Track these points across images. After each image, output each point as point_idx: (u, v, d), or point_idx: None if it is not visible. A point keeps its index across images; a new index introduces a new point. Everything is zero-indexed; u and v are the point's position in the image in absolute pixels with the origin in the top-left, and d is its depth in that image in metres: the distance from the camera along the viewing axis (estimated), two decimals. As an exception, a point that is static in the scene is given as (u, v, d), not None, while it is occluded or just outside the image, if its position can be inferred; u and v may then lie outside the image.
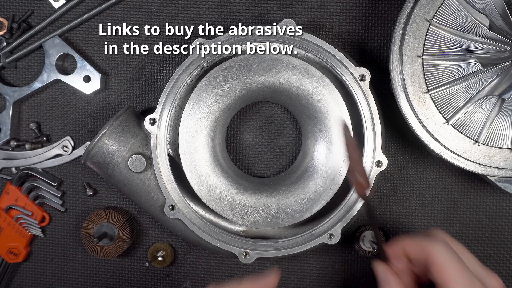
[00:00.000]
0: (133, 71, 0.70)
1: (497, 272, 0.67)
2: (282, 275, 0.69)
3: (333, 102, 0.59)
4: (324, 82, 0.59)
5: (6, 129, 0.69)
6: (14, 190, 0.69)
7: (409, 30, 0.57)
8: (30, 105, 0.71)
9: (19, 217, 0.70)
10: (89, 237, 0.67)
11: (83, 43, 0.70)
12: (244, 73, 0.60)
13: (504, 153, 0.57)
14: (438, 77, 0.57)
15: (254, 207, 0.60)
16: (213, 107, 0.60)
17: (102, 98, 0.70)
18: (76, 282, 0.72)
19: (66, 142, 0.70)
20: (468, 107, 0.57)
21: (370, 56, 0.67)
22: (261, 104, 0.69)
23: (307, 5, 0.67)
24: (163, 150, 0.60)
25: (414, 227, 0.68)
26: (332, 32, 0.67)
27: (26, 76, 0.71)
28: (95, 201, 0.71)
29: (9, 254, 0.70)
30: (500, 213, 0.67)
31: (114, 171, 0.61)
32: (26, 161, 0.70)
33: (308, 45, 0.59)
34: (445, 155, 0.57)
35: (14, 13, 0.70)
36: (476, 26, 0.57)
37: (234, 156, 0.69)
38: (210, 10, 0.68)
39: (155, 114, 0.60)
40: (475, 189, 0.67)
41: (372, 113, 0.59)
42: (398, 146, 0.68)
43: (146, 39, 0.69)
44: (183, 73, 0.60)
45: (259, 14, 0.68)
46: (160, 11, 0.69)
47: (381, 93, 0.61)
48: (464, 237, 0.68)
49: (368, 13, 0.67)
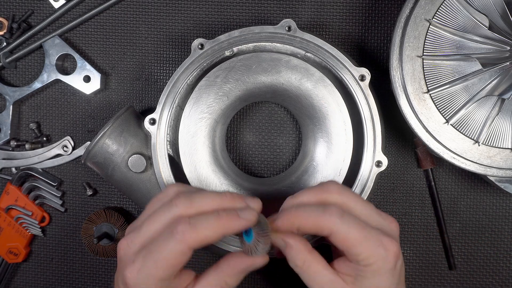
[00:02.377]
0: (133, 71, 0.70)
1: (497, 272, 0.67)
2: (282, 275, 0.69)
3: (333, 102, 0.59)
4: (324, 82, 0.59)
5: (6, 129, 0.69)
6: (14, 190, 0.69)
7: (409, 30, 0.57)
8: (30, 105, 0.71)
9: (19, 217, 0.70)
10: (89, 237, 0.67)
11: (83, 43, 0.70)
12: (244, 73, 0.60)
13: (504, 153, 0.57)
14: (438, 77, 0.57)
15: (254, 207, 0.60)
16: (213, 107, 0.60)
17: (102, 98, 0.70)
18: (76, 282, 0.72)
19: (66, 142, 0.70)
20: (468, 107, 0.57)
21: (370, 56, 0.67)
22: (261, 104, 0.69)
23: (307, 5, 0.67)
24: (163, 150, 0.60)
25: (414, 227, 0.68)
26: (332, 32, 0.67)
27: (26, 76, 0.71)
28: (95, 201, 0.71)
29: (9, 254, 0.70)
30: (500, 213, 0.67)
31: (114, 171, 0.61)
32: (26, 161, 0.70)
33: (308, 45, 0.59)
34: (445, 155, 0.57)
35: (14, 13, 0.70)
36: (476, 26, 0.57)
37: (234, 156, 0.69)
38: (210, 10, 0.68)
39: (155, 114, 0.60)
40: (475, 189, 0.67)
41: (372, 113, 0.59)
42: (398, 146, 0.68)
43: (146, 39, 0.69)
44: (183, 73, 0.60)
45: (259, 14, 0.68)
46: (160, 11, 0.69)
47: (381, 93, 0.61)
48: (464, 237, 0.68)
49: (368, 13, 0.67)
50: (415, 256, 0.68)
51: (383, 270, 0.46)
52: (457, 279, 0.68)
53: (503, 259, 0.67)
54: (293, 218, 0.46)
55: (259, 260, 0.47)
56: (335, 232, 0.45)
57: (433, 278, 0.68)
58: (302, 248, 0.46)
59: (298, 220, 0.46)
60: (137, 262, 0.44)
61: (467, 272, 0.68)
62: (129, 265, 0.44)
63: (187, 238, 0.43)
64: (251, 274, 0.69)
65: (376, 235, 0.46)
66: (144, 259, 0.44)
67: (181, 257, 0.44)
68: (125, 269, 0.45)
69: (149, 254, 0.44)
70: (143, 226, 0.46)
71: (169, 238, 0.43)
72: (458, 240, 0.68)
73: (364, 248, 0.45)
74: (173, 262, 0.44)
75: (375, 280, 0.46)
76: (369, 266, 0.45)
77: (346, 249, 0.45)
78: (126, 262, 0.45)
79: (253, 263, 0.47)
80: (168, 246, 0.43)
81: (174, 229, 0.43)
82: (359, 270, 0.46)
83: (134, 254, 0.45)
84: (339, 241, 0.45)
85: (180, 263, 0.44)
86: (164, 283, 0.44)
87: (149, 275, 0.44)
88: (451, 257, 0.67)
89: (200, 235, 0.44)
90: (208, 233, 0.44)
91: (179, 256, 0.44)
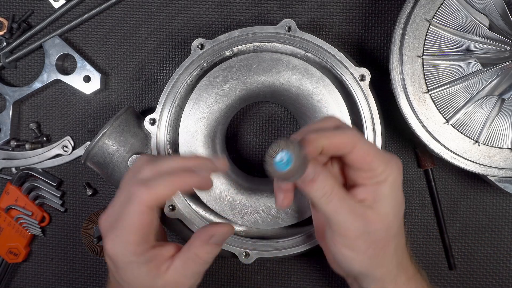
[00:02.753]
0: (133, 71, 0.70)
1: (497, 272, 0.67)
2: (282, 275, 0.69)
3: (333, 102, 0.59)
4: (324, 82, 0.59)
5: (6, 129, 0.69)
6: (14, 190, 0.69)
7: (409, 30, 0.57)
8: (30, 105, 0.71)
9: (19, 217, 0.70)
10: (89, 237, 0.67)
11: (83, 43, 0.70)
12: (244, 73, 0.60)
13: (504, 153, 0.57)
14: (438, 77, 0.57)
15: (254, 207, 0.60)
16: (213, 107, 0.60)
17: (102, 98, 0.70)
18: (76, 282, 0.72)
19: (66, 142, 0.70)
20: (468, 107, 0.57)
21: (370, 56, 0.67)
22: (261, 104, 0.69)
23: (307, 5, 0.67)
24: (163, 150, 0.60)
25: (414, 227, 0.68)
26: (332, 32, 0.67)
27: (26, 76, 0.71)
28: (95, 201, 0.71)
29: (9, 254, 0.70)
30: (500, 213, 0.67)
31: (114, 171, 0.61)
32: (26, 161, 0.70)
33: (308, 45, 0.59)
34: (445, 155, 0.57)
35: (14, 13, 0.70)
36: (476, 26, 0.57)
37: (234, 156, 0.69)
38: (210, 10, 0.68)
39: (155, 114, 0.60)
40: (475, 189, 0.67)
41: (372, 113, 0.59)
42: (398, 146, 0.68)
43: (146, 39, 0.69)
44: (183, 73, 0.60)
45: (259, 14, 0.68)
46: (160, 11, 0.69)
47: (381, 93, 0.61)
48: (464, 237, 0.68)
49: (368, 13, 0.67)
50: (415, 256, 0.68)
51: (398, 183, 0.49)
52: (457, 279, 0.68)
53: (503, 259, 0.67)
54: (318, 137, 0.46)
55: (221, 228, 0.51)
56: (358, 147, 0.47)
57: (433, 278, 0.68)
58: (330, 178, 0.47)
59: (323, 139, 0.46)
60: (110, 233, 0.47)
61: (467, 272, 0.68)
62: (106, 237, 0.48)
63: (143, 197, 0.46)
64: (251, 275, 0.69)
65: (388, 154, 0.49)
66: (115, 229, 0.47)
67: (144, 218, 0.46)
68: (106, 243, 0.48)
69: (118, 223, 0.47)
70: (114, 199, 0.49)
71: (128, 202, 0.46)
72: (458, 240, 0.68)
73: (382, 162, 0.47)
74: (138, 224, 0.46)
75: (392, 194, 0.48)
76: (386, 181, 0.48)
77: (367, 164, 0.47)
78: (105, 236, 0.48)
79: (214, 231, 0.50)
80: (129, 210, 0.46)
81: (133, 194, 0.46)
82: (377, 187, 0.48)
83: (110, 227, 0.48)
84: (360, 156, 0.47)
85: (146, 225, 0.47)
86: (139, 248, 0.47)
87: (122, 242, 0.47)
88: (451, 257, 0.67)
89: (153, 193, 0.46)
90: (162, 190, 0.46)
91: (141, 217, 0.46)
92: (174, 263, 0.49)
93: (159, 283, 0.49)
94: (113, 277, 0.50)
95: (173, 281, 0.49)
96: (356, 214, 0.47)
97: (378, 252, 0.49)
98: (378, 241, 0.48)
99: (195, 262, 0.50)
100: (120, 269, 0.48)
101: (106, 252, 0.48)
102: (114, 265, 0.48)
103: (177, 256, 0.50)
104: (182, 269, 0.49)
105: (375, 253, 0.48)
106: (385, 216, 0.48)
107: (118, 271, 0.49)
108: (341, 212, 0.47)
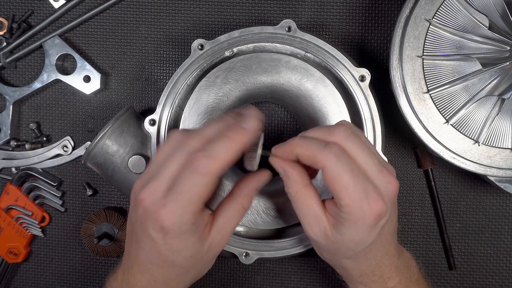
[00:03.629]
0: (133, 71, 0.70)
1: (497, 272, 0.67)
2: (282, 275, 0.69)
3: (333, 102, 0.59)
4: (324, 82, 0.59)
5: (6, 129, 0.69)
6: (14, 190, 0.69)
7: (409, 30, 0.57)
8: (30, 105, 0.71)
9: (19, 217, 0.70)
10: (89, 237, 0.67)
11: (83, 43, 0.70)
12: (244, 73, 0.60)
13: (504, 153, 0.57)
14: (438, 77, 0.57)
15: (254, 207, 0.60)
16: (213, 107, 0.60)
17: (102, 98, 0.70)
18: (76, 282, 0.72)
19: (66, 142, 0.70)
20: (468, 107, 0.57)
21: (370, 56, 0.67)
22: (261, 104, 0.69)
23: (307, 5, 0.67)
24: (163, 150, 0.60)
25: (414, 227, 0.68)
26: (332, 32, 0.67)
27: (26, 76, 0.71)
28: (95, 201, 0.71)
29: (9, 254, 0.70)
30: (500, 213, 0.67)
31: (114, 172, 0.61)
32: (26, 161, 0.70)
33: (308, 45, 0.59)
34: (445, 155, 0.57)
35: (14, 13, 0.70)
36: (476, 26, 0.57)
37: (234, 156, 0.69)
38: (210, 10, 0.68)
39: (155, 115, 0.60)
40: (475, 189, 0.67)
41: (372, 113, 0.59)
42: (398, 146, 0.68)
43: (146, 39, 0.69)
44: (183, 74, 0.60)
45: (259, 14, 0.68)
46: (160, 11, 0.69)
47: (381, 93, 0.61)
48: (464, 237, 0.68)
49: (368, 13, 0.67)
50: (415, 256, 0.68)
51: (361, 224, 0.46)
52: (457, 279, 0.68)
53: (503, 259, 0.67)
54: (294, 145, 0.48)
55: (262, 176, 0.50)
56: (327, 169, 0.45)
57: (433, 278, 0.68)
58: (298, 180, 0.48)
59: (298, 148, 0.47)
60: (169, 205, 0.45)
61: (467, 272, 0.68)
62: (161, 209, 0.45)
63: (210, 168, 0.44)
64: (251, 275, 0.69)
65: (365, 188, 0.46)
66: (176, 200, 0.45)
67: (209, 188, 0.45)
68: (159, 215, 0.45)
69: (179, 194, 0.45)
70: (161, 172, 0.47)
71: (193, 174, 0.45)
72: (458, 240, 0.68)
73: (349, 196, 0.45)
74: (201, 194, 0.45)
75: (351, 230, 0.47)
76: (348, 215, 0.46)
77: (333, 190, 0.46)
78: (155, 209, 0.46)
79: (258, 180, 0.50)
80: (195, 182, 0.45)
81: (194, 165, 0.45)
82: (339, 215, 0.47)
83: (162, 198, 0.46)
84: (328, 179, 0.46)
85: (208, 194, 0.46)
86: (195, 217, 0.46)
87: (184, 213, 0.45)
88: (451, 257, 0.67)
89: (219, 161, 0.45)
90: (225, 156, 0.45)
91: (207, 187, 0.45)
92: (216, 222, 0.48)
93: (205, 247, 0.48)
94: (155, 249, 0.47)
95: (217, 241, 0.49)
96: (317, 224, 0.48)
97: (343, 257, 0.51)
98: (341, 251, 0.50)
99: (240, 212, 0.49)
100: (172, 239, 0.46)
101: (162, 224, 0.45)
102: (167, 235, 0.46)
103: (218, 214, 0.49)
104: (225, 225, 0.49)
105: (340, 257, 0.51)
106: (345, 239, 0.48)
107: (168, 242, 0.46)
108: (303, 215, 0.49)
